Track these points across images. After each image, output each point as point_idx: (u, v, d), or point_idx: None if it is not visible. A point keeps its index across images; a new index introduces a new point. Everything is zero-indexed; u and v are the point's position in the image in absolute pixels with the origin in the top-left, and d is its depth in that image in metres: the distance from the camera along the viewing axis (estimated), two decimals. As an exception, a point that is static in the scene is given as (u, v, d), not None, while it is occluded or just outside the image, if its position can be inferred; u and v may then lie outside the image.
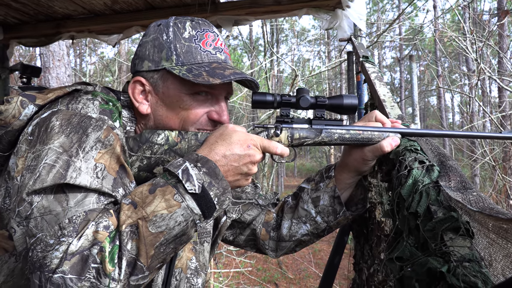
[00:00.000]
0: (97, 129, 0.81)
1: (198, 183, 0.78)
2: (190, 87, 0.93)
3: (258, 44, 17.45)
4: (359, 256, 1.95)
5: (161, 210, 0.74)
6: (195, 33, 0.96)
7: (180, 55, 0.93)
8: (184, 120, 0.95)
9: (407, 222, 0.88)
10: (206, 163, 0.81)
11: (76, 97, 0.88)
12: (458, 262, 0.68)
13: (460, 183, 0.85)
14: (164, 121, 0.96)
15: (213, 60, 0.96)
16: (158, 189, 0.77)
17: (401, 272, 0.81)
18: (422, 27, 8.24)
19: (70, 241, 0.71)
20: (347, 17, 2.02)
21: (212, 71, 0.92)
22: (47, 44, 2.28)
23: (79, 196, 0.75)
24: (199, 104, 0.95)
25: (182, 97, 0.94)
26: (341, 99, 0.99)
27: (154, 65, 0.94)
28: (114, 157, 0.82)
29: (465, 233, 0.72)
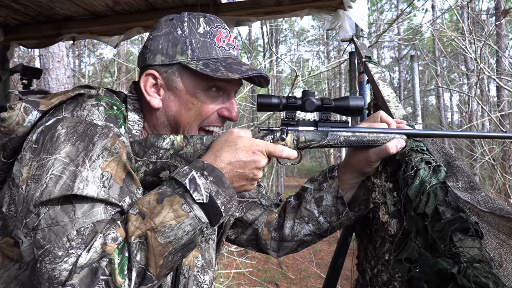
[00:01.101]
0: (103, 137, 0.81)
1: (205, 193, 0.78)
2: (205, 83, 0.94)
3: (257, 44, 17.46)
4: (362, 257, 1.95)
5: (169, 221, 0.75)
6: (209, 28, 0.95)
7: (195, 50, 0.93)
8: (195, 116, 0.95)
9: (415, 223, 0.88)
10: (213, 171, 0.81)
11: (80, 102, 0.87)
12: (468, 263, 0.68)
13: (467, 183, 0.85)
14: (176, 117, 0.96)
15: (228, 55, 0.96)
16: (165, 199, 0.77)
17: (410, 273, 0.80)
18: (421, 26, 8.25)
19: (79, 253, 0.71)
20: (348, 18, 2.01)
21: (229, 66, 0.92)
22: (48, 45, 2.27)
23: (86, 207, 0.75)
24: (212, 100, 0.95)
25: (196, 93, 0.94)
26: (347, 100, 0.99)
27: (168, 59, 0.93)
28: (121, 165, 0.82)
29: (474, 234, 0.72)
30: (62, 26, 2.14)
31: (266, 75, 0.96)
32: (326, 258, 9.87)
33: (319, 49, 18.10)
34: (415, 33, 7.69)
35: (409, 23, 8.80)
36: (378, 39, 5.21)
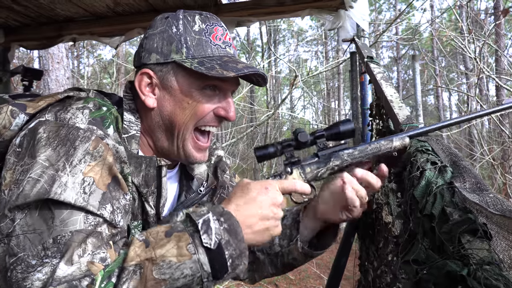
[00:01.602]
0: (85, 140, 0.78)
1: (215, 238, 0.73)
2: (200, 81, 0.91)
3: (255, 45, 17.46)
4: (364, 257, 1.94)
5: (170, 257, 0.70)
6: (204, 26, 0.92)
7: (190, 48, 0.90)
8: (190, 116, 0.92)
9: (422, 224, 0.88)
10: (229, 219, 0.76)
11: (66, 105, 0.84)
12: (478, 265, 0.67)
13: (475, 184, 0.84)
14: (170, 117, 0.93)
15: (223, 54, 0.93)
16: (174, 234, 0.73)
17: (418, 275, 0.80)
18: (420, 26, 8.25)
19: (54, 262, 0.67)
20: (350, 18, 2.01)
21: (224, 64, 0.89)
22: (49, 46, 2.27)
23: (65, 214, 0.71)
24: (208, 99, 0.92)
25: (191, 92, 0.91)
26: (338, 127, 0.99)
27: (163, 58, 0.91)
28: (106, 168, 0.79)
29: (483, 236, 0.72)
30: (63, 27, 2.13)
31: (263, 73, 0.94)
32: (326, 258, 9.86)
33: (317, 49, 18.11)
34: (414, 33, 7.69)
35: (408, 23, 8.81)
36: (378, 39, 5.21)
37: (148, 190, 0.91)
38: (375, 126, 1.66)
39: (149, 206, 0.92)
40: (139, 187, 0.90)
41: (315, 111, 19.25)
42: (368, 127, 1.79)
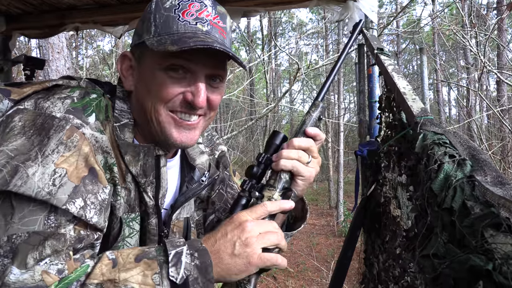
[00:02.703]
0: (59, 129, 0.73)
1: (183, 273, 0.70)
2: (162, 61, 0.83)
3: (255, 37, 17.36)
4: (369, 251, 1.94)
5: (133, 283, 0.68)
6: (177, 2, 0.84)
7: (158, 26, 0.83)
8: (156, 99, 0.84)
9: (441, 217, 0.86)
10: (203, 256, 0.73)
11: (49, 94, 0.80)
12: (503, 260, 0.66)
13: (496, 178, 0.83)
14: (142, 100, 0.87)
15: (191, 30, 0.83)
16: (144, 260, 0.71)
17: (438, 270, 0.79)
18: (420, 20, 8.21)
19: (4, 262, 0.64)
20: (358, 9, 1.98)
21: (179, 40, 0.79)
22: (51, 35, 2.22)
23: (25, 211, 0.67)
24: (174, 82, 0.84)
25: (154, 72, 0.84)
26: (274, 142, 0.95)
27: (138, 38, 0.87)
28: (82, 159, 0.74)
29: (507, 230, 0.70)
30: (65, 16, 2.09)
31: (222, 48, 0.80)
32: (324, 251, 9.91)
33: (317, 42, 18.02)
34: (417, 27, 7.65)
35: (409, 17, 8.76)
36: (381, 32, 5.18)
37: (146, 180, 0.87)
38: (385, 119, 1.65)
39: (148, 197, 0.88)
40: (137, 177, 0.86)
41: (315, 105, 19.16)
42: (376, 120, 1.76)
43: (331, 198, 13.96)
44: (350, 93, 22.31)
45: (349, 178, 16.57)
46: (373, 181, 1.80)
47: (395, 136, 1.39)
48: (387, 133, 1.62)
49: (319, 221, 12.73)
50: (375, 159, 1.80)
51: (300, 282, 8.21)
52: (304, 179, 0.92)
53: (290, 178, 0.92)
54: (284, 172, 0.90)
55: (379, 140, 1.77)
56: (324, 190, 16.13)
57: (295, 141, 0.92)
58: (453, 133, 1.02)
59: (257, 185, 0.92)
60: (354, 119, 16.66)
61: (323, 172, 16.73)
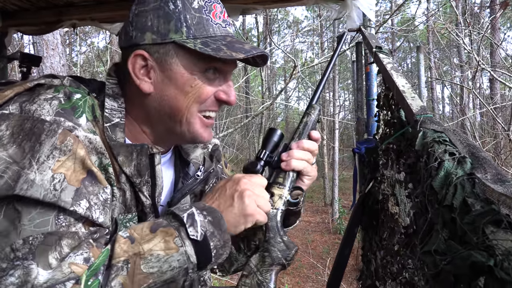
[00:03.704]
0: (51, 134, 0.71)
1: (201, 230, 0.75)
2: (202, 63, 0.84)
3: (251, 35, 17.33)
4: (367, 248, 1.96)
5: (158, 250, 0.71)
6: (203, 3, 0.85)
7: (191, 27, 0.82)
8: (193, 100, 0.86)
9: (441, 214, 0.87)
10: (212, 213, 0.79)
11: (34, 96, 0.77)
12: (504, 256, 0.67)
13: (496, 175, 0.84)
14: (172, 102, 0.86)
15: (225, 33, 0.86)
16: (160, 229, 0.73)
17: (439, 266, 0.80)
18: (416, 18, 8.24)
19: (25, 264, 0.63)
20: (356, 7, 1.98)
21: (231, 45, 0.83)
22: (47, 32, 2.21)
23: (33, 214, 0.67)
24: (210, 82, 0.86)
25: (193, 75, 0.84)
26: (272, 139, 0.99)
27: (160, 38, 0.82)
28: (78, 163, 0.73)
29: (508, 226, 0.72)
30: (62, 13, 2.07)
31: (267, 53, 0.89)
32: (319, 248, 9.96)
33: (313, 40, 18.03)
34: (411, 25, 7.68)
35: (403, 15, 8.79)
36: (377, 30, 5.20)
37: (141, 180, 0.85)
38: (383, 117, 1.66)
39: (144, 197, 0.86)
40: (132, 177, 0.84)
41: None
42: (375, 118, 1.78)
43: (326, 196, 14.02)
44: (345, 91, 22.37)
45: (344, 175, 16.64)
46: (371, 178, 1.82)
47: (394, 134, 1.41)
48: (385, 131, 1.63)
49: (314, 218, 12.79)
50: (373, 156, 1.81)
51: (295, 279, 8.26)
52: (311, 178, 1.01)
53: (297, 177, 0.98)
54: (294, 171, 0.96)
55: (377, 137, 1.78)
56: (319, 187, 16.19)
57: (305, 143, 0.99)
58: (453, 131, 1.03)
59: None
60: (349, 117, 16.72)
61: (318, 170, 16.76)
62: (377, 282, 1.71)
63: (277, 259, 0.89)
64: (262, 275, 0.87)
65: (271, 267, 0.88)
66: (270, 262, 0.89)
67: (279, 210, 0.94)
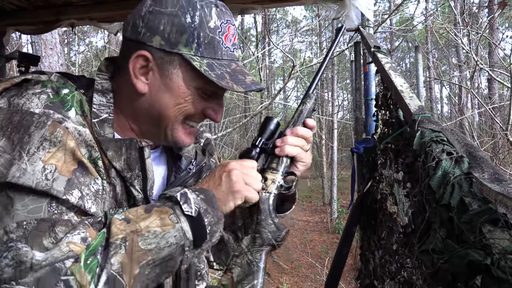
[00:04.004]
0: (40, 126, 0.72)
1: (195, 207, 0.77)
2: (201, 83, 0.85)
3: (249, 34, 17.33)
4: (365, 247, 1.96)
5: (154, 227, 0.72)
6: (219, 24, 0.85)
7: (201, 45, 0.83)
8: (183, 112, 0.88)
9: (439, 214, 0.88)
10: (204, 192, 0.81)
11: (22, 90, 0.78)
12: (501, 255, 0.68)
13: (493, 175, 0.84)
14: (162, 108, 0.87)
15: (231, 58, 0.89)
16: (154, 209, 0.75)
17: (437, 265, 0.80)
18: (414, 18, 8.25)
19: (18, 246, 0.64)
20: (355, 7, 1.99)
21: (234, 75, 0.86)
22: (45, 31, 2.20)
23: (26, 200, 0.68)
24: (203, 99, 0.89)
25: (190, 90, 0.86)
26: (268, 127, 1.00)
27: (169, 46, 0.83)
28: (69, 154, 0.74)
29: (505, 225, 0.72)
30: (61, 12, 2.06)
31: (263, 88, 0.94)
32: (318, 248, 9.97)
33: (311, 39, 18.04)
34: (410, 25, 7.69)
35: (402, 14, 8.80)
36: (376, 30, 5.21)
37: (132, 174, 0.86)
38: (381, 117, 1.66)
39: (136, 191, 0.87)
40: (122, 172, 0.84)
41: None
42: (373, 118, 1.78)
43: (325, 195, 14.03)
44: (344, 91, 22.39)
45: (342, 175, 16.66)
46: (369, 178, 1.82)
47: (392, 133, 1.41)
48: (383, 130, 1.63)
49: (313, 218, 12.80)
50: (371, 156, 1.82)
51: (294, 279, 8.26)
52: (305, 165, 1.02)
53: (290, 163, 1.00)
54: (287, 157, 0.98)
55: (376, 137, 1.79)
56: (318, 187, 16.21)
57: (300, 130, 1.00)
58: (451, 130, 1.03)
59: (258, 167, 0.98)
60: (348, 117, 16.73)
61: (317, 169, 16.80)
62: (376, 282, 1.72)
63: (267, 240, 0.91)
64: (253, 255, 0.90)
65: (261, 247, 0.90)
66: (261, 243, 0.91)
67: (272, 194, 0.96)
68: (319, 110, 15.62)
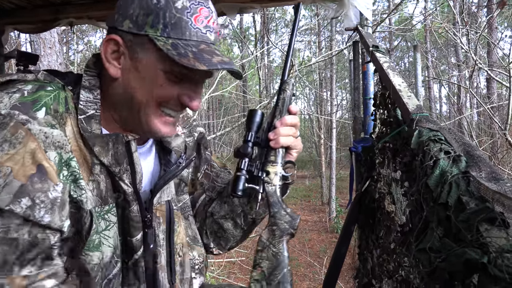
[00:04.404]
0: (3, 127, 0.71)
1: None
2: (168, 65, 0.83)
3: (248, 33, 17.31)
4: (364, 246, 1.96)
5: None
6: (189, 4, 0.83)
7: (167, 25, 0.81)
8: (153, 96, 0.85)
9: (436, 212, 0.88)
10: None
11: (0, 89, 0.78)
12: (498, 253, 0.68)
13: (490, 174, 0.85)
14: (134, 92, 0.86)
15: (202, 40, 0.85)
16: None
17: (434, 263, 0.80)
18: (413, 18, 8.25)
19: None
20: (353, 6, 1.99)
21: (199, 54, 0.81)
22: (44, 30, 2.19)
23: None
24: (174, 84, 0.86)
25: (157, 72, 0.84)
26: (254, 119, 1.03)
27: (136, 29, 0.82)
28: (28, 156, 0.72)
29: (501, 224, 0.72)
30: (59, 11, 2.06)
31: (237, 70, 0.88)
32: (316, 247, 9.98)
33: (310, 39, 18.04)
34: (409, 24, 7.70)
35: (401, 14, 8.81)
36: (374, 30, 5.21)
37: (120, 168, 0.86)
38: (379, 116, 1.67)
39: (125, 185, 0.87)
40: (110, 167, 0.84)
41: (307, 101, 19.29)
42: (371, 117, 1.78)
43: (324, 195, 14.04)
44: (342, 90, 22.40)
45: (341, 174, 16.66)
46: (367, 177, 1.82)
47: (390, 132, 1.41)
48: (381, 129, 1.64)
49: (311, 217, 12.81)
50: (369, 155, 1.82)
51: (293, 278, 8.26)
52: (297, 151, 1.07)
53: (285, 152, 1.05)
54: (282, 147, 1.02)
55: (374, 136, 1.79)
56: (317, 186, 16.22)
57: (288, 119, 1.02)
58: (448, 130, 1.04)
59: (255, 163, 1.01)
60: (346, 116, 16.73)
61: (316, 169, 16.80)
62: (374, 280, 1.72)
63: (285, 230, 0.96)
64: (276, 247, 0.95)
65: (281, 238, 0.95)
66: (280, 234, 0.96)
67: (277, 186, 1.00)
68: (317, 109, 15.62)
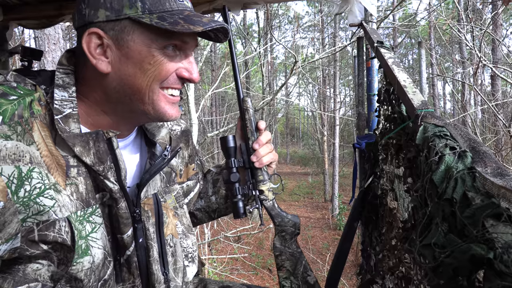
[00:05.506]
0: None
1: None
2: (160, 39, 0.81)
3: (251, 30, 17.27)
4: (367, 243, 1.96)
5: None
6: None
7: (146, 1, 0.79)
8: (154, 78, 0.83)
9: (441, 208, 0.88)
10: None
11: None
12: (504, 249, 0.68)
13: (496, 169, 0.84)
14: (131, 81, 0.82)
15: (183, 7, 0.83)
16: None
17: (439, 259, 0.80)
18: (417, 14, 8.21)
19: None
20: (358, 2, 1.98)
21: (189, 18, 0.80)
22: (48, 26, 2.20)
23: None
24: (170, 59, 0.84)
25: (151, 52, 0.81)
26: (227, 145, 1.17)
27: (114, 14, 0.78)
28: None
29: (508, 220, 0.72)
30: (63, 6, 2.05)
31: (227, 27, 0.86)
32: (319, 244, 9.99)
33: (314, 35, 17.98)
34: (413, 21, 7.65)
35: (405, 10, 8.76)
36: (379, 26, 5.19)
37: (104, 167, 0.83)
38: (383, 112, 1.66)
39: (111, 183, 0.84)
40: (94, 166, 0.81)
41: (310, 98, 19.25)
42: (375, 113, 1.78)
43: (326, 192, 14.04)
44: (346, 87, 22.34)
45: (344, 171, 16.65)
46: (371, 173, 1.82)
47: (394, 128, 1.41)
48: (385, 126, 1.63)
49: (314, 214, 12.82)
50: (373, 151, 1.82)
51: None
52: (275, 163, 1.22)
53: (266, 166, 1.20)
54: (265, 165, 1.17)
55: (377, 133, 1.78)
56: (319, 183, 16.22)
57: (262, 138, 1.15)
58: (454, 125, 1.03)
59: (246, 185, 1.17)
60: (349, 113, 16.69)
61: (319, 166, 16.79)
62: (377, 277, 1.72)
63: (292, 232, 1.20)
64: (290, 248, 1.15)
65: (292, 239, 1.17)
66: (290, 237, 1.19)
67: (273, 199, 1.19)
68: (321, 106, 15.58)
